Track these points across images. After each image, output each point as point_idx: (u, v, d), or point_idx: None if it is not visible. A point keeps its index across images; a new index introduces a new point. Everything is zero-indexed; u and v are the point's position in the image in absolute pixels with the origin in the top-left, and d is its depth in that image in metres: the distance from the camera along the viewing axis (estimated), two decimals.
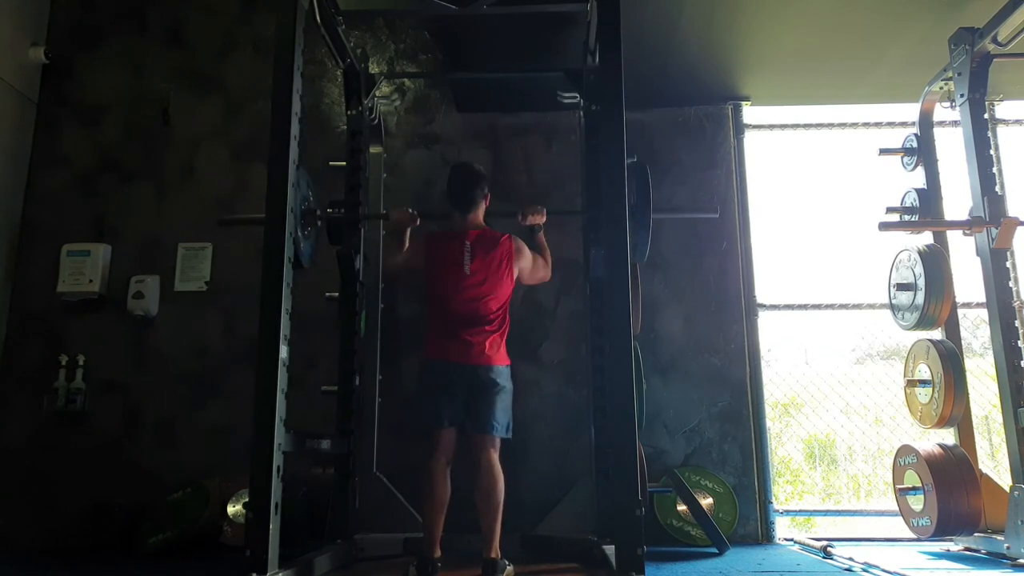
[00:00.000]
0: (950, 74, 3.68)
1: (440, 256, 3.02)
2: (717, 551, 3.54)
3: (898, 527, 3.81)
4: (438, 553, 2.80)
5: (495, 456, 2.87)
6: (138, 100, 4.46)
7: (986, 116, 3.54)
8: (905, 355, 3.94)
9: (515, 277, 3.05)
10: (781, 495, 4.91)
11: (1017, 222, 3.36)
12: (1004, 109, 4.37)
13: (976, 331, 4.41)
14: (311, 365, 3.85)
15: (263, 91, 4.26)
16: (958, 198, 3.75)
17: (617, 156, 2.65)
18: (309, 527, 3.41)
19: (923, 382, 3.71)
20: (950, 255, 3.76)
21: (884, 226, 3.73)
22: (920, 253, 3.73)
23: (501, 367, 2.94)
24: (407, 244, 3.16)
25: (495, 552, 2.77)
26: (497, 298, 2.98)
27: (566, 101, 3.66)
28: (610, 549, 2.62)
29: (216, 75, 4.48)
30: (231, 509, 3.59)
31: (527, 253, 3.11)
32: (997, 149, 4.20)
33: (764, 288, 4.22)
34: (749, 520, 3.91)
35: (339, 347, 3.43)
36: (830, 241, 5.07)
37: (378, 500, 3.44)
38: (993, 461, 4.39)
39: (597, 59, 3.17)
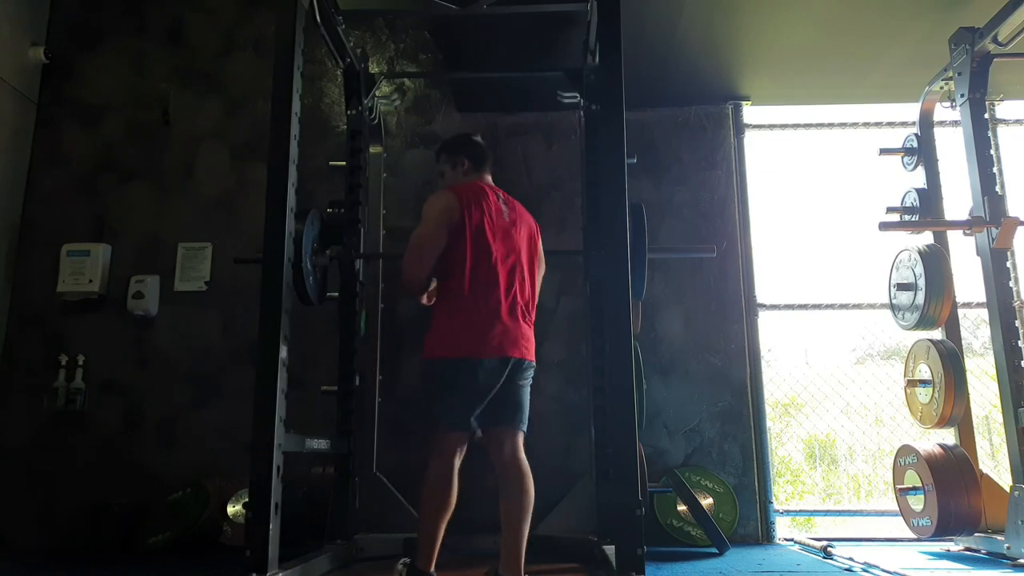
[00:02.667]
0: (950, 74, 3.68)
1: (478, 200, 2.63)
2: (717, 551, 3.54)
3: (898, 527, 3.81)
4: (433, 569, 2.47)
5: (523, 452, 2.59)
6: (138, 100, 4.46)
7: (986, 116, 3.54)
8: (905, 355, 3.94)
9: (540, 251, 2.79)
10: (781, 495, 4.91)
11: (1017, 222, 3.36)
12: (1004, 109, 4.37)
13: (976, 331, 4.41)
14: (311, 365, 3.85)
15: (263, 91, 4.27)
16: (958, 198, 3.76)
17: (617, 156, 2.65)
18: (309, 527, 3.41)
19: (923, 382, 3.71)
20: (950, 255, 3.76)
21: (884, 226, 3.73)
22: (920, 253, 3.73)
23: (533, 364, 2.68)
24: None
25: (520, 573, 2.44)
26: (532, 267, 2.72)
27: (566, 101, 3.66)
28: (610, 549, 2.62)
29: (216, 75, 4.48)
30: (231, 509, 3.60)
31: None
32: (997, 149, 4.20)
33: (764, 288, 4.22)
34: (749, 520, 3.91)
35: (339, 347, 3.44)
36: (830, 241, 5.07)
37: (378, 500, 3.44)
38: (993, 461, 4.39)
39: (597, 59, 3.16)
